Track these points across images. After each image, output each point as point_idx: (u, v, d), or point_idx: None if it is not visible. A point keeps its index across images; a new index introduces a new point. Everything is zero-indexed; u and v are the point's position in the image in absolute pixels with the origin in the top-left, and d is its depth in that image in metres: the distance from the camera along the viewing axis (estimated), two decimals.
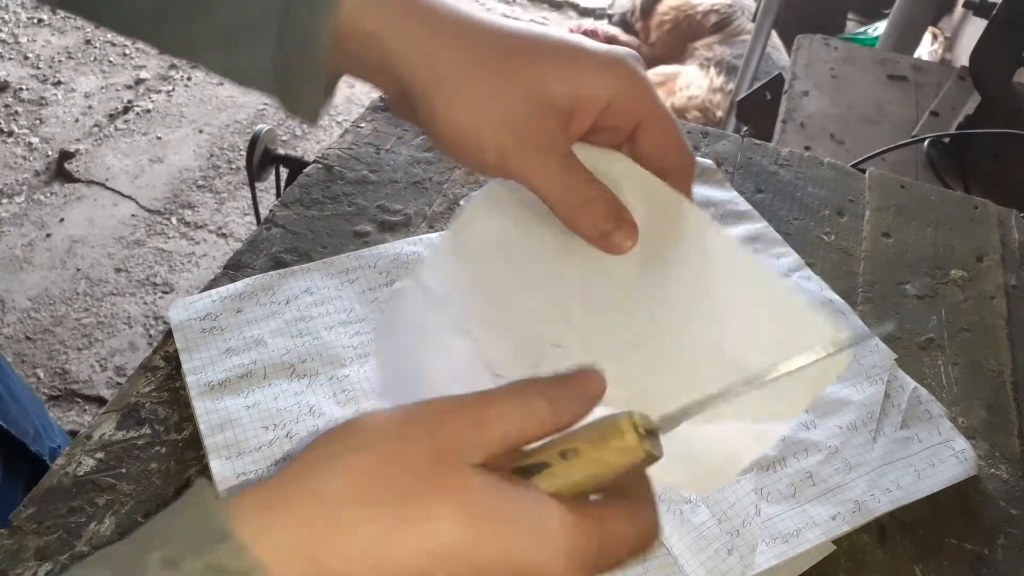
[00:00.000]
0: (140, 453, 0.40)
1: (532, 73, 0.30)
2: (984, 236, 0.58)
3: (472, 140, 0.30)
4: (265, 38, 0.31)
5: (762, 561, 0.37)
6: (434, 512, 0.21)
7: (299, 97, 0.33)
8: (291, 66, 0.32)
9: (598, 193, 0.31)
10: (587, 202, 0.31)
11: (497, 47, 0.30)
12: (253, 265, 0.50)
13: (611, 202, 0.31)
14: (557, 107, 0.30)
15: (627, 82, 0.30)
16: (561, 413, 0.24)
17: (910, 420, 0.44)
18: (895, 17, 1.33)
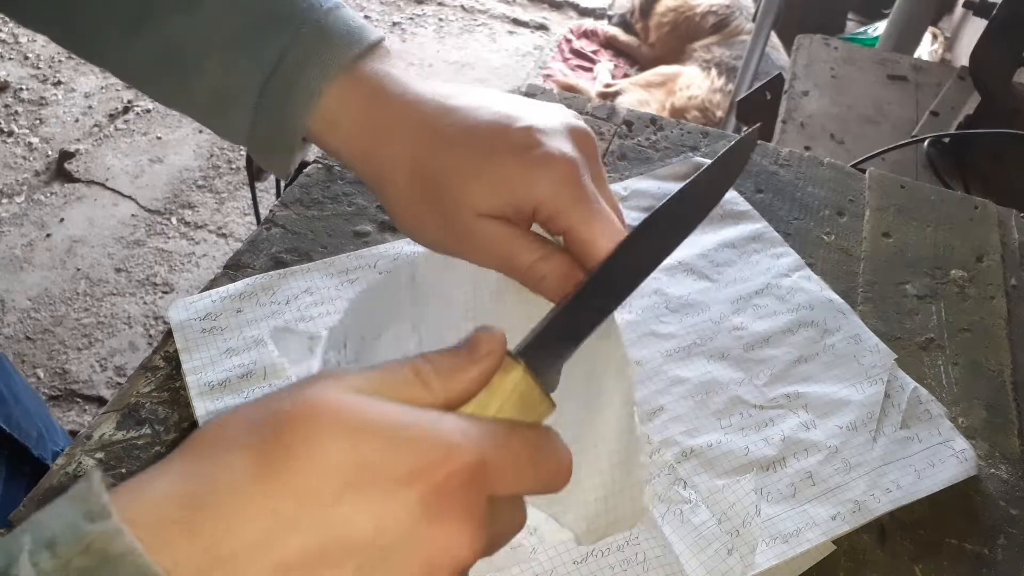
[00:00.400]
0: (140, 453, 0.40)
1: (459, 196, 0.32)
2: (984, 236, 0.58)
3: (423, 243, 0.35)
4: (242, 109, 0.34)
5: (762, 561, 0.37)
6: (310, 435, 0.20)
7: (270, 160, 0.36)
8: (263, 139, 0.35)
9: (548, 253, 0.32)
10: (539, 260, 0.32)
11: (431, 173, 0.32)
12: (253, 265, 0.50)
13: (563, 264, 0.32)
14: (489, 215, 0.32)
15: (552, 192, 0.31)
16: (451, 379, 0.23)
17: (910, 420, 0.44)
18: (895, 17, 1.33)
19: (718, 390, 0.45)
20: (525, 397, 0.24)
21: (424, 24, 2.34)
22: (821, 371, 0.46)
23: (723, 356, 0.46)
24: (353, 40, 0.33)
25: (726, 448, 0.42)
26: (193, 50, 0.33)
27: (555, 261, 0.32)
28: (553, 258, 0.32)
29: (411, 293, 0.38)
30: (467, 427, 0.22)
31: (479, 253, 0.33)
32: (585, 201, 0.31)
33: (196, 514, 0.20)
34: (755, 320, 0.48)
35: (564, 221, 0.31)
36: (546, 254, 0.31)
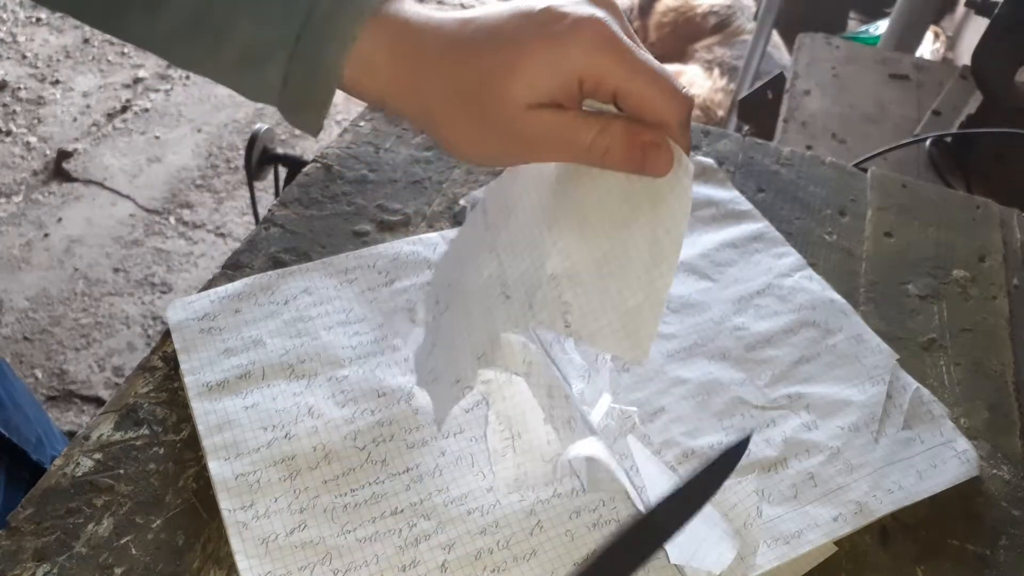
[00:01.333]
0: (138, 454, 0.39)
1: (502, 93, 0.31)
2: (986, 236, 0.58)
3: (484, 159, 0.36)
4: (275, 63, 0.34)
5: (763, 562, 0.37)
6: None
7: (302, 116, 0.36)
8: (295, 94, 0.34)
9: (604, 125, 0.32)
10: (599, 135, 0.32)
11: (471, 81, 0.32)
12: (251, 265, 0.49)
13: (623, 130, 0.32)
14: (537, 105, 0.31)
15: (590, 56, 0.31)
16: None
17: (912, 421, 0.44)
18: (897, 16, 1.33)
19: (719, 391, 0.44)
20: None
21: None
22: (823, 371, 0.46)
23: (724, 356, 0.46)
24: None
25: None
26: (222, 8, 0.33)
27: (615, 129, 0.31)
28: (612, 127, 0.31)
29: (483, 221, 0.39)
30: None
31: (541, 150, 0.33)
32: (626, 55, 0.31)
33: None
34: (756, 320, 0.48)
35: (611, 82, 0.31)
36: (604, 126, 0.31)
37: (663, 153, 0.32)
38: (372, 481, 0.39)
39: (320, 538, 0.36)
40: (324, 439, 0.40)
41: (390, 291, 0.48)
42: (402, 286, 0.48)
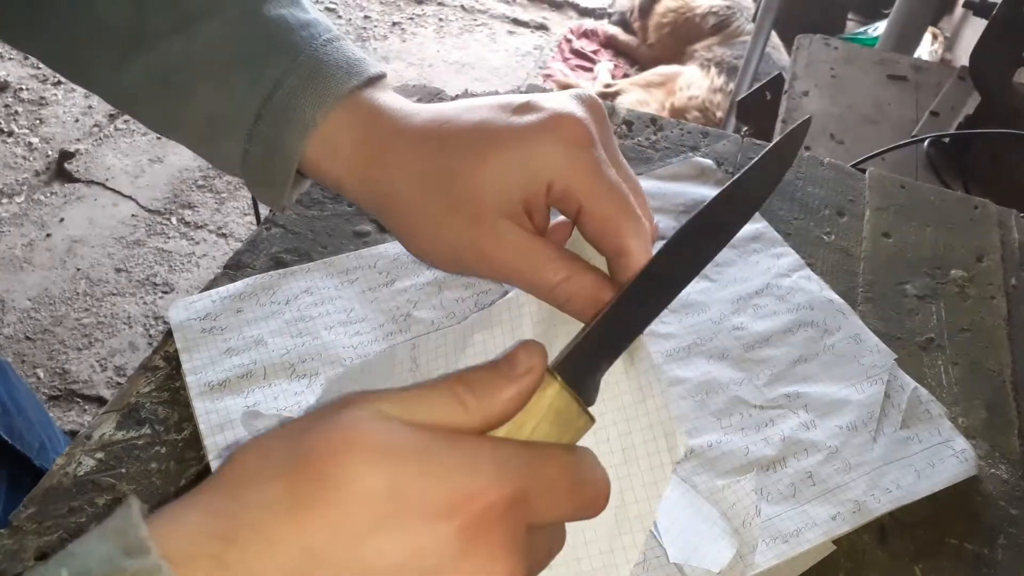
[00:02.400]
0: (140, 453, 0.40)
1: (472, 186, 0.30)
2: (984, 236, 0.58)
3: (439, 262, 0.33)
4: (234, 139, 0.33)
5: (762, 561, 0.37)
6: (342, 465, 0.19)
7: (262, 192, 0.35)
8: (255, 170, 0.34)
9: (569, 274, 0.30)
10: (565, 280, 0.30)
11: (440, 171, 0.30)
12: (253, 265, 0.50)
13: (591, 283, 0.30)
14: (506, 210, 0.30)
15: (562, 158, 0.29)
16: (489, 399, 0.22)
17: (910, 420, 0.44)
18: (895, 17, 1.33)
19: (718, 390, 0.44)
20: (562, 414, 0.23)
21: (424, 24, 2.34)
22: (821, 371, 0.46)
23: (723, 356, 0.46)
24: (352, 72, 0.32)
25: (726, 448, 0.42)
26: (187, 74, 0.32)
27: (584, 281, 0.30)
28: (580, 277, 0.30)
29: (413, 376, 0.36)
30: (505, 455, 0.21)
31: (503, 270, 0.31)
32: (597, 170, 0.29)
33: (228, 549, 0.19)
34: (755, 320, 0.48)
35: (577, 197, 0.29)
36: (572, 273, 0.30)
37: None
38: None
39: None
40: None
41: (391, 291, 0.48)
42: (403, 286, 0.48)
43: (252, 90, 0.32)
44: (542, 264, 0.30)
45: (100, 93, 0.35)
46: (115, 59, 0.33)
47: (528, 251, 0.30)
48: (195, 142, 0.35)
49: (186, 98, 0.33)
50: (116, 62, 0.33)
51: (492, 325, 0.34)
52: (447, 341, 0.35)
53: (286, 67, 0.32)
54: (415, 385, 0.22)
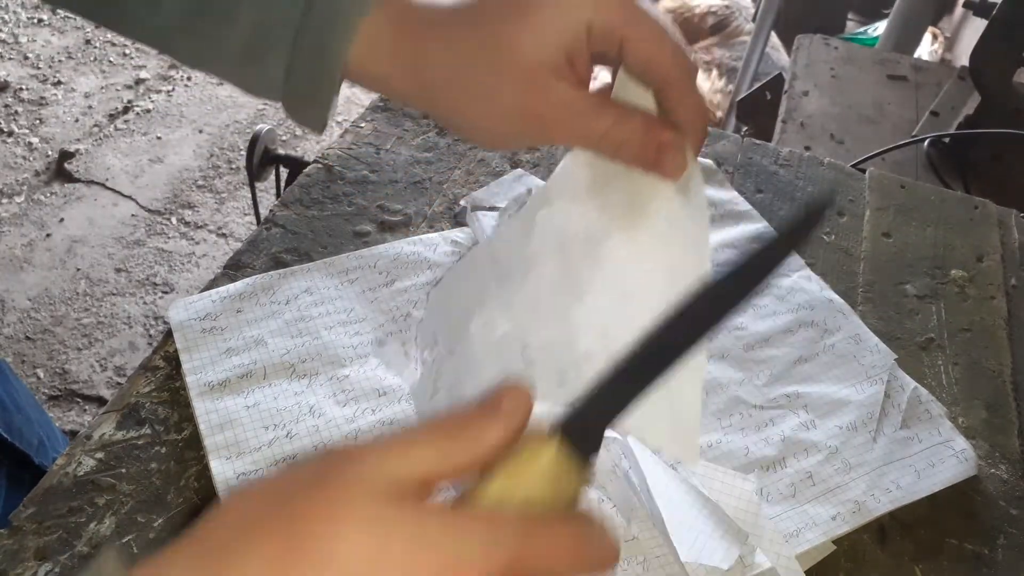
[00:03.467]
0: (140, 453, 0.40)
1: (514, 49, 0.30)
2: (984, 236, 0.58)
3: (494, 139, 0.33)
4: (279, 54, 0.33)
5: (762, 561, 0.37)
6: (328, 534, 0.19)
7: (306, 111, 0.35)
8: (300, 85, 0.33)
9: (618, 119, 0.30)
10: (615, 125, 0.30)
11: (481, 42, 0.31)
12: (253, 265, 0.50)
13: (641, 124, 0.30)
14: (550, 64, 0.30)
15: (597, 3, 0.29)
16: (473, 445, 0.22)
17: (910, 420, 0.44)
18: (895, 17, 1.33)
19: (718, 390, 0.44)
20: (559, 476, 0.23)
21: None
22: (821, 371, 0.46)
23: (723, 356, 0.46)
24: None
25: (726, 448, 0.42)
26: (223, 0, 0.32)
27: (634, 123, 0.30)
28: (631, 119, 0.30)
29: (494, 273, 0.36)
30: (496, 526, 0.21)
31: (554, 129, 0.31)
32: (631, 3, 0.30)
33: None
34: (755, 320, 0.48)
35: (617, 30, 0.30)
36: (622, 116, 0.30)
37: (678, 155, 0.31)
38: None
39: None
40: (325, 438, 0.40)
41: (390, 291, 0.48)
42: (402, 286, 0.48)
43: (292, 3, 0.32)
44: (590, 113, 0.30)
45: (136, 35, 0.35)
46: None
47: (575, 102, 0.30)
48: (234, 70, 0.35)
49: (225, 24, 0.33)
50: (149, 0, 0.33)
51: (551, 200, 0.34)
52: (516, 227, 0.35)
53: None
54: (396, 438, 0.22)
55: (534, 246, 0.35)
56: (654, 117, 0.31)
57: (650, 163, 0.31)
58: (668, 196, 0.32)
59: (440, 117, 0.34)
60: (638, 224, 0.32)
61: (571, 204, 0.34)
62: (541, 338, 0.34)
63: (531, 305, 0.34)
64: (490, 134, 0.33)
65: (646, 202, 0.32)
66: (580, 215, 0.34)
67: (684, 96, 0.31)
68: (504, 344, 0.34)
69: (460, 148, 0.60)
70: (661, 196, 0.32)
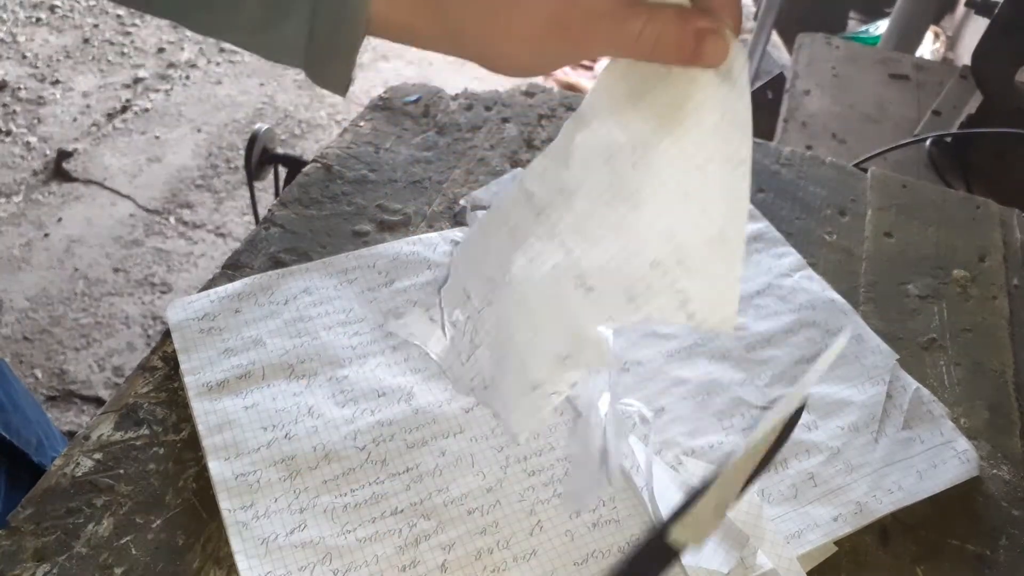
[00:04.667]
0: (138, 454, 0.39)
1: None
2: (986, 236, 0.58)
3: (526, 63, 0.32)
4: (298, 16, 0.32)
5: (764, 562, 0.37)
6: None
7: (328, 72, 0.34)
8: (323, 44, 0.32)
9: (654, 11, 0.29)
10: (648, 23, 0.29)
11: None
12: (251, 265, 0.49)
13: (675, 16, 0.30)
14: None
15: None
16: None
17: (912, 421, 0.44)
18: (897, 16, 1.33)
19: (719, 391, 0.44)
20: None
21: None
22: (822, 371, 0.46)
23: (724, 356, 0.46)
24: None
25: (727, 449, 0.42)
26: None
27: (666, 15, 0.29)
28: (663, 13, 0.30)
29: (531, 208, 0.35)
30: None
31: (587, 41, 0.30)
32: None
33: None
34: (756, 320, 0.48)
35: None
36: (653, 13, 0.30)
37: (719, 40, 0.30)
38: (372, 481, 0.39)
39: (320, 538, 0.36)
40: (324, 439, 0.40)
41: (390, 291, 0.48)
42: (402, 286, 0.48)
43: None
44: (620, 15, 0.30)
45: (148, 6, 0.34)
46: None
47: (604, 7, 0.30)
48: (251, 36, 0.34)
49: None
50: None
51: (588, 121, 0.33)
52: (550, 159, 0.34)
53: None
54: None
55: (574, 171, 0.33)
56: (686, 7, 0.30)
57: (690, 55, 0.30)
58: (713, 86, 0.31)
59: (468, 52, 0.33)
60: (687, 122, 0.31)
61: (612, 118, 0.33)
62: (599, 259, 0.32)
63: (582, 227, 0.33)
64: (521, 59, 0.32)
65: (691, 97, 0.31)
66: (623, 126, 0.32)
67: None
68: (556, 277, 0.33)
69: (459, 147, 0.60)
70: (706, 88, 0.31)
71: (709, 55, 0.30)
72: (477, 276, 0.37)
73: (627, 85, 0.32)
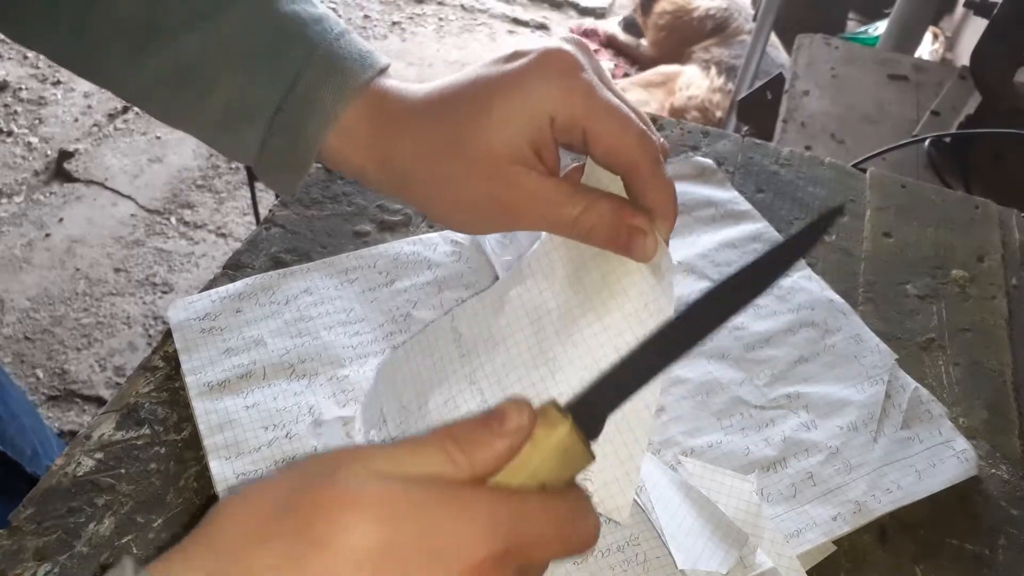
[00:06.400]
0: (139, 453, 0.40)
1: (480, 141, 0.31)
2: (985, 236, 0.58)
3: (465, 225, 0.35)
4: (254, 129, 0.34)
5: (763, 561, 0.37)
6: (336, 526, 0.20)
7: (275, 180, 0.36)
8: (273, 157, 0.34)
9: (587, 205, 0.31)
10: (584, 211, 0.31)
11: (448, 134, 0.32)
12: (252, 265, 0.49)
13: (610, 209, 0.31)
14: (515, 157, 0.31)
15: (557, 89, 0.30)
16: (477, 454, 0.23)
17: (911, 420, 0.44)
18: (896, 17, 1.33)
19: (718, 390, 0.44)
20: (568, 453, 0.24)
21: (424, 24, 2.34)
22: (822, 371, 0.46)
23: (723, 356, 0.46)
24: (366, 64, 0.34)
25: (727, 448, 0.42)
26: (206, 67, 0.33)
27: (602, 207, 0.31)
28: (599, 205, 0.31)
29: (457, 347, 0.36)
30: (498, 509, 0.21)
31: (524, 216, 0.32)
32: (592, 93, 0.30)
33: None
34: (756, 320, 0.48)
35: (579, 121, 0.30)
36: (591, 202, 0.31)
37: (649, 239, 0.32)
38: None
39: None
40: (325, 438, 0.40)
41: (390, 291, 0.48)
42: (402, 286, 0.48)
43: (273, 83, 0.33)
44: (559, 200, 0.31)
45: (111, 88, 0.36)
46: (129, 54, 0.34)
47: (544, 191, 0.31)
48: (209, 133, 0.36)
49: (204, 91, 0.34)
50: (130, 57, 0.34)
51: (525, 278, 0.35)
52: (484, 305, 0.36)
53: (304, 60, 0.33)
54: (404, 440, 0.23)
55: (504, 323, 0.35)
56: (624, 201, 0.32)
57: (621, 246, 0.32)
58: (640, 276, 0.33)
59: (414, 205, 0.35)
60: (611, 303, 0.33)
61: (545, 283, 0.35)
62: None
63: (501, 380, 0.35)
64: (462, 222, 0.34)
65: (618, 281, 0.33)
66: (554, 294, 0.34)
67: (651, 181, 0.31)
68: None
69: None
70: (633, 275, 0.33)
71: (639, 251, 0.32)
72: (395, 401, 0.38)
73: (565, 253, 0.34)
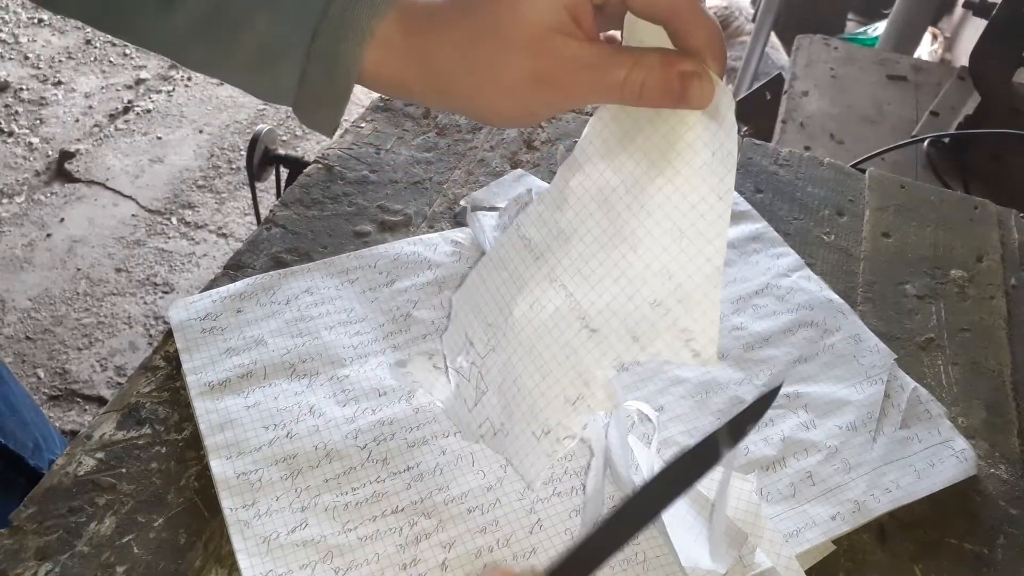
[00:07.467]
0: (140, 453, 0.40)
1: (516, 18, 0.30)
2: (984, 236, 0.58)
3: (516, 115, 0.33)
4: (291, 62, 0.33)
5: (762, 561, 0.37)
6: None
7: (316, 116, 0.35)
8: (313, 91, 0.33)
9: (638, 57, 0.30)
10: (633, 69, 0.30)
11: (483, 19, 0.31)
12: (253, 265, 0.50)
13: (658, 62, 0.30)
14: (554, 25, 0.30)
15: None
16: None
17: (910, 420, 0.44)
18: (895, 17, 1.33)
19: (718, 390, 0.45)
20: None
21: None
22: (821, 371, 0.46)
23: (723, 356, 0.46)
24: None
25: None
26: (237, 8, 0.32)
27: (650, 60, 0.30)
28: (647, 58, 0.30)
29: (530, 252, 0.35)
30: None
31: (573, 90, 0.31)
32: None
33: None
34: (755, 320, 0.48)
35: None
36: (637, 58, 0.30)
37: (704, 83, 0.30)
38: (373, 480, 0.39)
39: (321, 536, 0.36)
40: (325, 438, 0.40)
41: (391, 291, 0.48)
42: (403, 286, 0.48)
43: (306, 9, 0.32)
44: (604, 64, 0.30)
45: (144, 43, 0.35)
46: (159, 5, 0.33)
47: (587, 56, 0.30)
48: (245, 76, 0.35)
49: (238, 31, 0.33)
50: (161, 8, 0.33)
51: (582, 165, 0.34)
52: (545, 204, 0.35)
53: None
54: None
55: (571, 215, 0.34)
56: (671, 51, 0.31)
57: (677, 97, 0.30)
58: (702, 125, 0.31)
59: (457, 105, 0.33)
60: (678, 162, 0.31)
61: (604, 163, 0.33)
62: (600, 302, 0.33)
63: (581, 270, 0.33)
64: (509, 110, 0.32)
65: (681, 138, 0.31)
66: (615, 171, 0.33)
67: (694, 21, 0.30)
68: (559, 319, 0.33)
69: (460, 148, 0.60)
70: (695, 127, 0.31)
71: (695, 98, 0.30)
72: (479, 322, 0.37)
73: (618, 128, 0.33)
